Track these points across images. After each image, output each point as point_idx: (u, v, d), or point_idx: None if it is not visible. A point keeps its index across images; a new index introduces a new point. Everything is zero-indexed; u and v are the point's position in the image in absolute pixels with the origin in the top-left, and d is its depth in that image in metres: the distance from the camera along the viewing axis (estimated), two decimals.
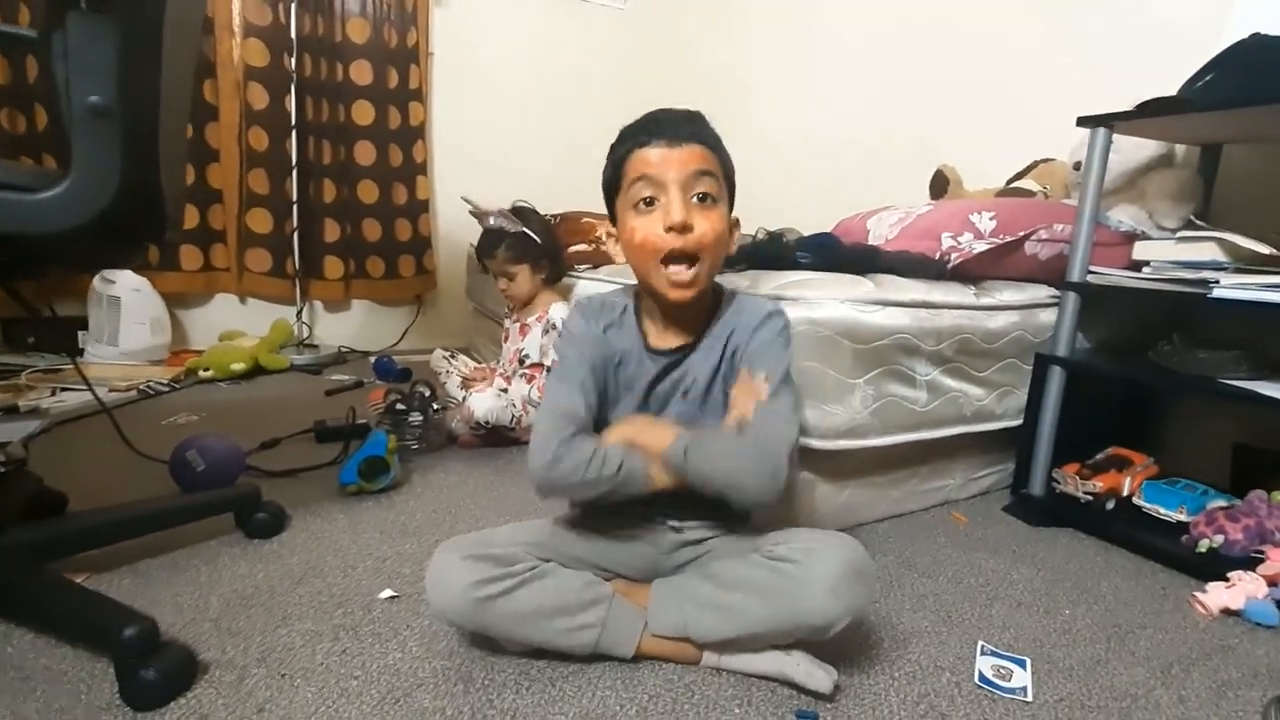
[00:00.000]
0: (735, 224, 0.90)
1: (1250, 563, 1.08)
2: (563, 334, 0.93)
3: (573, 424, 0.82)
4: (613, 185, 0.87)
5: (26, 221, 0.68)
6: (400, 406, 1.56)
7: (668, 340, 0.90)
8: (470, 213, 1.78)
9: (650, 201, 0.82)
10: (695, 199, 0.82)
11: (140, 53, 0.69)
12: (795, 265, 1.30)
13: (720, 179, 0.84)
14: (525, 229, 1.71)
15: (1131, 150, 1.45)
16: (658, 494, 0.83)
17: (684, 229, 0.80)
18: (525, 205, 1.81)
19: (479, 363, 1.98)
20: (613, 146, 0.87)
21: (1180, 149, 1.50)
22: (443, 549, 0.82)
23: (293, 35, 2.41)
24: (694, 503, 0.85)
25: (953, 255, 1.30)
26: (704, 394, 0.89)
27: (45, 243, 0.70)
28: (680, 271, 0.82)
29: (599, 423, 0.88)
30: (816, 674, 0.78)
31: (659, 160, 0.81)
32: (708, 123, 0.86)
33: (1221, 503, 1.22)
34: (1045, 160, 1.72)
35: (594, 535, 0.90)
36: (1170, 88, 1.23)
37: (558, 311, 1.71)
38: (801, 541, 0.81)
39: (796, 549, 0.79)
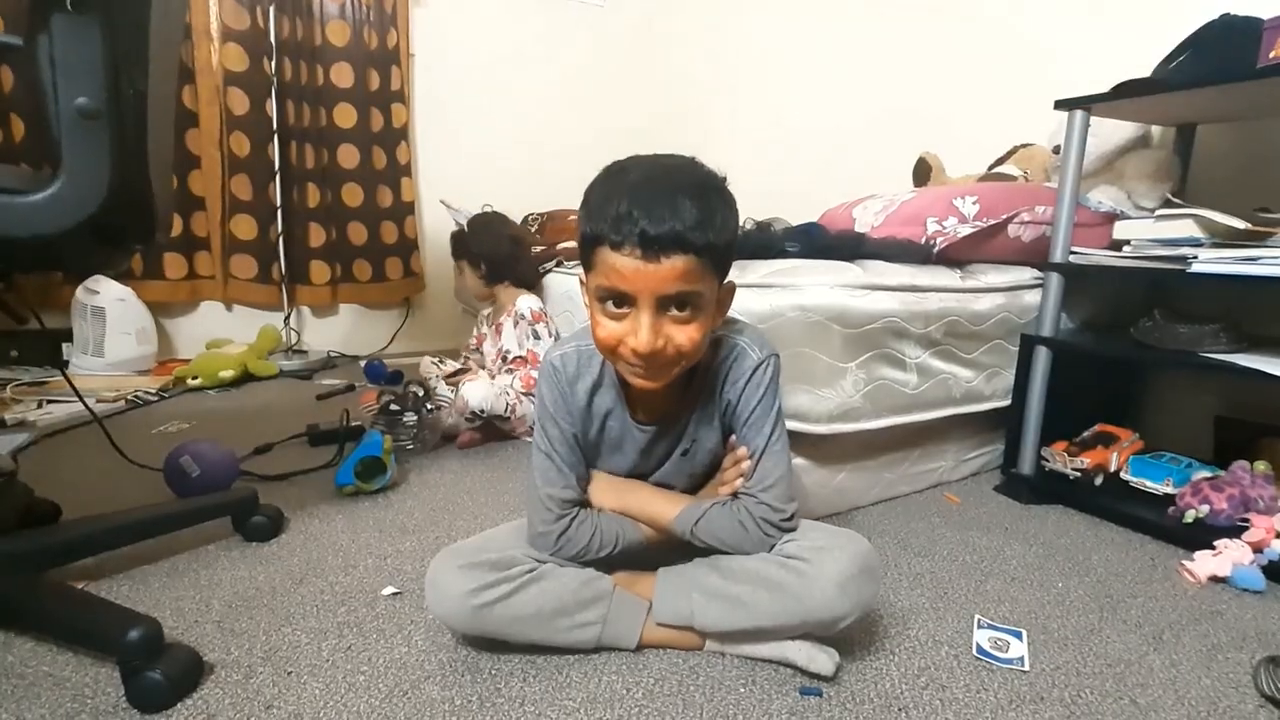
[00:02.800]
0: (728, 292, 0.80)
1: (1235, 531, 1.11)
2: (537, 404, 0.87)
3: (567, 509, 0.85)
4: (582, 254, 0.75)
5: (17, 225, 0.67)
6: (394, 407, 1.55)
7: (655, 407, 0.86)
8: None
9: (619, 303, 0.71)
10: (672, 308, 0.71)
11: (126, 52, 0.69)
12: (783, 254, 1.31)
13: (705, 282, 0.71)
14: (464, 228, 1.84)
15: (1109, 133, 1.48)
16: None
17: (651, 356, 0.71)
18: (487, 211, 1.91)
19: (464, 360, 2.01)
20: (586, 203, 0.73)
21: (1156, 130, 1.53)
22: (439, 558, 0.82)
23: (272, 39, 2.39)
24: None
25: (938, 239, 1.32)
26: (700, 449, 0.89)
27: (36, 246, 0.70)
28: (641, 371, 0.74)
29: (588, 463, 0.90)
30: (818, 657, 0.79)
31: (630, 274, 0.68)
32: (704, 189, 0.70)
33: (1206, 474, 1.25)
34: (1025, 145, 1.75)
35: None
36: (1145, 70, 1.26)
37: (524, 304, 1.79)
38: (812, 540, 0.81)
39: (807, 547, 0.80)
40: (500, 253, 1.84)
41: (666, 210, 0.67)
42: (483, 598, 0.78)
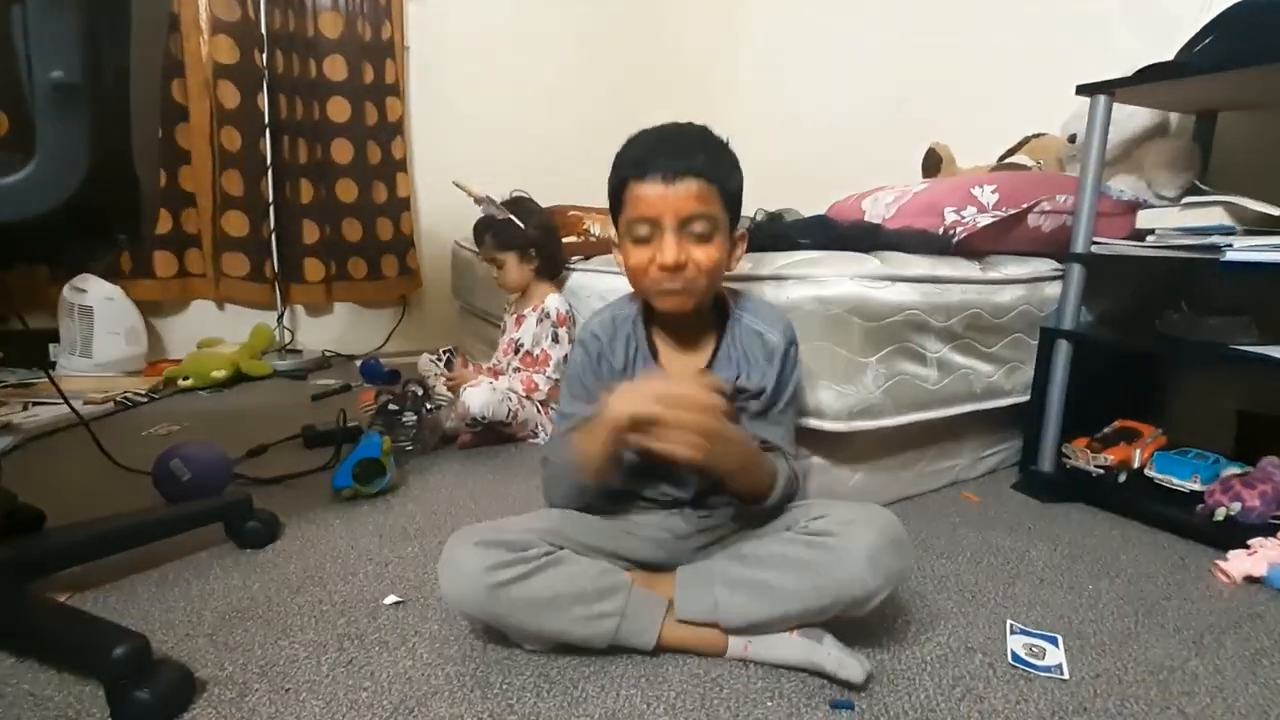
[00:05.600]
0: (740, 239, 0.91)
1: (1268, 529, 1.07)
2: (569, 362, 0.97)
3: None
4: (614, 205, 0.88)
5: None
6: (393, 407, 1.50)
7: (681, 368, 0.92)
8: (475, 201, 1.75)
9: (647, 235, 0.83)
10: (691, 233, 0.82)
11: (105, 23, 0.64)
12: (796, 246, 1.27)
13: (719, 209, 0.83)
14: (511, 216, 1.68)
15: (1124, 121, 1.44)
16: (676, 484, 0.89)
17: (676, 269, 0.82)
18: (522, 195, 1.77)
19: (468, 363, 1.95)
20: (615, 162, 0.86)
21: (1175, 118, 1.49)
22: (455, 537, 0.79)
23: (263, 30, 2.33)
24: (711, 491, 0.88)
25: (958, 229, 1.28)
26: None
27: (12, 233, 0.65)
28: (669, 289, 0.84)
29: None
30: (849, 663, 0.75)
31: (654, 199, 0.81)
32: (713, 140, 0.85)
33: (1235, 470, 1.21)
34: (1037, 135, 1.71)
35: (609, 523, 0.87)
36: (1160, 59, 1.21)
37: (553, 302, 1.68)
38: (838, 514, 0.80)
39: (834, 522, 0.78)
40: (553, 245, 1.73)
41: (681, 148, 0.82)
42: (499, 576, 0.74)
